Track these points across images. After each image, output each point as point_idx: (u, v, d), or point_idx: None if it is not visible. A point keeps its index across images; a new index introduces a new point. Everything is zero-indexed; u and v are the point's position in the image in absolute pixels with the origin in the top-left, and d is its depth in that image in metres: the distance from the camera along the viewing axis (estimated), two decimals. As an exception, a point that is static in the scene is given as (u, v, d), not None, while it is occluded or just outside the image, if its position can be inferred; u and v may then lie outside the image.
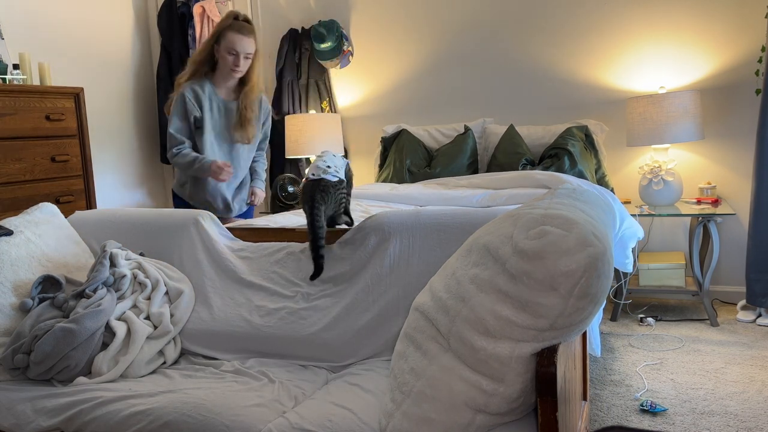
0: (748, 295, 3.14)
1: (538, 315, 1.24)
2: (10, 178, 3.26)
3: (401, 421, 1.32)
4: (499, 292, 1.28)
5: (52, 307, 1.83)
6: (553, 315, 1.23)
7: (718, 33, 3.41)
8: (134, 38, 4.65)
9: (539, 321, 1.24)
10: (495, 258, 1.33)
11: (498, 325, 1.26)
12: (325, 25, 4.16)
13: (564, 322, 1.24)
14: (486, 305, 1.28)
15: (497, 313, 1.26)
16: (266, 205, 4.61)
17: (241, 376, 1.74)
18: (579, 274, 1.22)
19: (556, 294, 1.22)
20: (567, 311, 1.23)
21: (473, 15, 3.95)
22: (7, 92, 3.24)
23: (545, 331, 1.24)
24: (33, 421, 1.61)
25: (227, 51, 2.77)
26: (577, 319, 1.24)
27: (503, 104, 3.95)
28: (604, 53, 3.67)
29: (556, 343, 1.27)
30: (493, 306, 1.27)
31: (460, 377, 1.28)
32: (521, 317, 1.25)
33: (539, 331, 1.24)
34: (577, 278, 1.22)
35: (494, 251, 1.34)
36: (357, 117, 4.34)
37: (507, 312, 1.26)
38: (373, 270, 1.89)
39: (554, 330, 1.24)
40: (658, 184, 3.31)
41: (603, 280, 1.24)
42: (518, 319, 1.25)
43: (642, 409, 2.26)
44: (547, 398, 1.23)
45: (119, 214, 2.32)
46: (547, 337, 1.25)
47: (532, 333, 1.25)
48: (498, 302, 1.27)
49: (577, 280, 1.22)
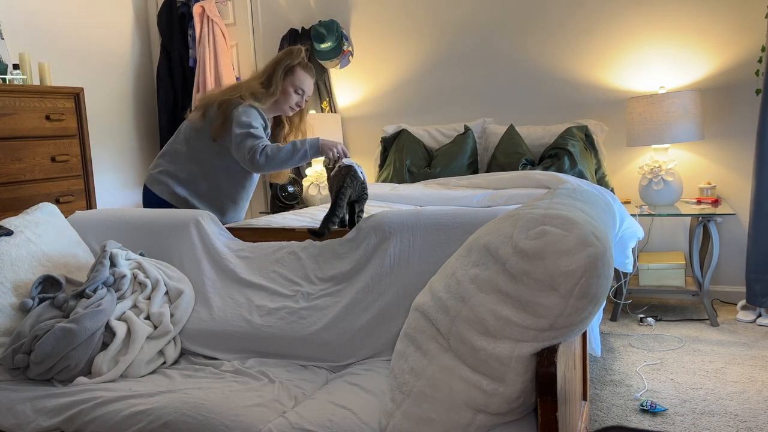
0: (748, 295, 3.14)
1: (538, 315, 1.24)
2: (10, 178, 3.26)
3: (401, 421, 1.32)
4: (499, 292, 1.28)
5: (52, 307, 1.83)
6: (553, 315, 1.23)
7: (718, 33, 3.41)
8: (134, 38, 4.65)
9: (539, 321, 1.24)
10: (495, 258, 1.33)
11: (498, 325, 1.26)
12: (325, 25, 4.16)
13: (564, 321, 1.24)
14: (486, 305, 1.28)
15: (497, 313, 1.27)
16: (266, 205, 4.61)
17: (241, 376, 1.74)
18: (579, 274, 1.22)
19: (556, 294, 1.22)
20: (567, 311, 1.23)
21: (473, 15, 3.96)
22: (7, 92, 3.24)
23: (545, 331, 1.24)
24: (33, 421, 1.61)
25: (294, 88, 2.68)
26: (577, 319, 1.25)
27: (503, 104, 3.95)
28: (604, 53, 3.67)
29: (556, 343, 1.27)
30: (493, 306, 1.28)
31: (460, 377, 1.28)
32: (521, 317, 1.25)
33: (539, 331, 1.24)
34: (577, 278, 1.22)
35: (494, 251, 1.34)
36: (357, 117, 4.34)
37: (507, 312, 1.26)
38: (373, 270, 1.90)
39: (554, 330, 1.25)
40: (658, 184, 3.31)
41: (603, 280, 1.24)
42: (518, 319, 1.25)
43: (642, 409, 2.26)
44: (547, 398, 1.23)
45: (119, 214, 2.32)
46: (547, 337, 1.25)
47: (532, 333, 1.25)
48: (498, 302, 1.27)
49: (577, 280, 1.22)
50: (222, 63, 4.33)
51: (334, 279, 1.95)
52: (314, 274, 2.00)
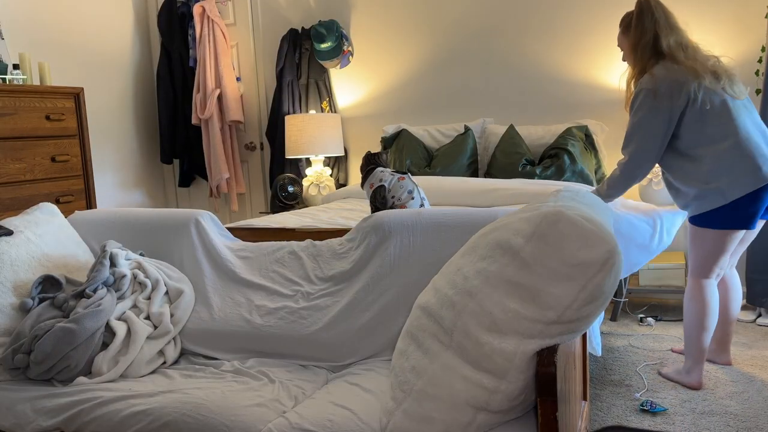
0: (748, 295, 3.14)
1: (546, 306, 1.24)
2: (10, 178, 3.26)
3: (402, 419, 1.32)
4: (508, 283, 1.28)
5: (52, 307, 1.82)
6: (562, 306, 1.23)
7: (718, 33, 3.41)
8: (134, 38, 4.65)
9: (547, 313, 1.24)
10: (505, 249, 1.33)
11: (505, 318, 1.26)
12: (325, 25, 4.17)
13: (571, 315, 1.24)
14: (494, 298, 1.28)
15: (505, 305, 1.27)
16: (266, 205, 4.62)
17: (241, 376, 1.74)
18: (596, 267, 1.22)
19: (568, 284, 1.22)
20: (576, 304, 1.23)
21: (473, 15, 3.95)
22: (7, 92, 3.24)
23: (552, 325, 1.24)
24: (33, 421, 1.61)
25: None
26: (583, 313, 1.25)
27: (503, 104, 3.95)
28: (604, 53, 3.67)
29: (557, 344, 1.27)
30: (501, 299, 1.28)
31: (462, 376, 1.28)
32: (529, 309, 1.25)
33: (546, 325, 1.24)
34: (593, 271, 1.22)
35: (505, 243, 1.34)
36: (357, 117, 4.34)
37: (515, 304, 1.26)
38: (373, 269, 1.89)
39: (560, 324, 1.25)
40: (658, 184, 3.31)
41: (614, 279, 1.25)
42: (526, 311, 1.25)
43: (642, 409, 2.26)
44: (547, 398, 1.23)
45: (119, 214, 2.32)
46: (553, 332, 1.25)
47: (539, 327, 1.25)
48: (506, 295, 1.28)
49: (593, 273, 1.22)
50: (222, 63, 4.33)
51: (334, 279, 1.95)
52: (314, 273, 2.00)
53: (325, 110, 4.33)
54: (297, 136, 4.02)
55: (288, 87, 4.30)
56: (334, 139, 4.09)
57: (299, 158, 4.32)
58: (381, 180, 2.38)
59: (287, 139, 4.09)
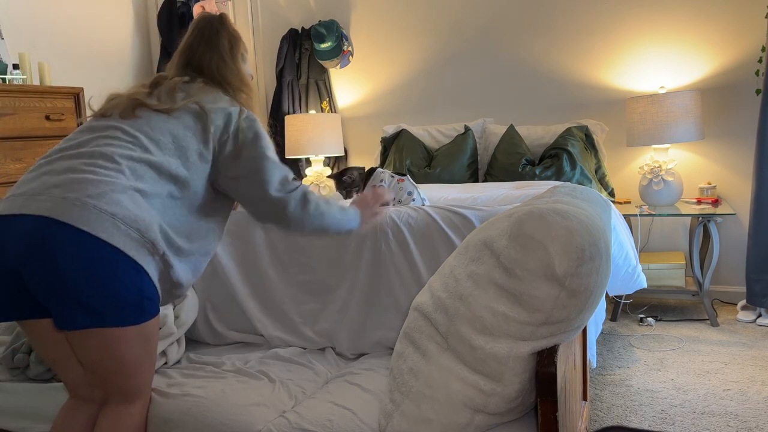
0: (748, 295, 3.14)
1: (533, 309, 1.24)
2: (10, 178, 3.26)
3: (400, 421, 1.32)
4: (496, 286, 1.28)
5: (52, 307, 1.82)
6: (548, 307, 1.23)
7: (718, 33, 3.41)
8: (134, 38, 4.65)
9: (535, 315, 1.24)
10: (491, 251, 1.33)
11: (495, 322, 1.26)
12: (325, 25, 4.17)
13: (559, 315, 1.24)
14: (482, 302, 1.29)
15: (494, 309, 1.27)
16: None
17: (241, 375, 1.74)
18: (572, 263, 1.22)
19: (548, 284, 1.22)
20: (560, 302, 1.23)
21: (473, 15, 3.95)
22: (7, 92, 3.24)
23: (542, 326, 1.24)
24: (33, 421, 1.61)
25: None
26: (571, 312, 1.24)
27: (503, 104, 3.95)
28: (604, 53, 3.67)
29: (556, 343, 1.27)
30: (489, 302, 1.28)
31: (459, 377, 1.28)
32: (517, 312, 1.25)
33: (536, 327, 1.24)
34: (569, 267, 1.22)
35: (490, 244, 1.34)
36: (357, 117, 4.34)
37: (503, 307, 1.26)
38: (373, 269, 1.89)
39: (550, 325, 1.24)
40: (658, 184, 3.31)
41: (592, 271, 1.24)
42: (514, 314, 1.25)
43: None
44: (548, 398, 1.23)
45: (119, 214, 2.31)
46: (544, 333, 1.25)
47: (530, 329, 1.25)
48: (495, 298, 1.28)
49: (569, 269, 1.22)
50: (222, 63, 4.32)
51: (333, 279, 1.95)
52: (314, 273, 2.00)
53: (325, 110, 4.33)
54: (297, 136, 4.02)
55: (288, 87, 4.30)
56: (334, 139, 4.09)
57: (299, 158, 4.32)
58: (381, 181, 2.38)
59: (287, 139, 4.09)
